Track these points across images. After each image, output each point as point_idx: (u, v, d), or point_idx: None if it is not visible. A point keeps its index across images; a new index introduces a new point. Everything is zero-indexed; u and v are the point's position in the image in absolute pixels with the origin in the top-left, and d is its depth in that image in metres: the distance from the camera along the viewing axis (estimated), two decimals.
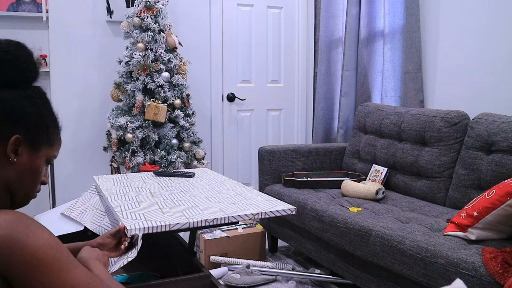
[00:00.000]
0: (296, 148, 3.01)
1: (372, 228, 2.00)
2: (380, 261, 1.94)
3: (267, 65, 3.91)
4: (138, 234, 1.31)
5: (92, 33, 3.33)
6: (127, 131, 2.88)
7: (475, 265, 1.56)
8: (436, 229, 1.89)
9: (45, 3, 3.55)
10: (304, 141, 4.09)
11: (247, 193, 1.75)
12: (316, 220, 2.34)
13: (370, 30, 3.38)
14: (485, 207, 1.71)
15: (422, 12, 2.97)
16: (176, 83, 3.00)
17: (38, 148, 1.05)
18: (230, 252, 2.68)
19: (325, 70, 3.76)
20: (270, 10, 3.88)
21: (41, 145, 1.06)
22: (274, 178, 2.94)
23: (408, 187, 2.57)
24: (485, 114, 2.27)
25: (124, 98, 3.00)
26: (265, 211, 1.51)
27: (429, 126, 2.49)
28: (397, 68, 3.14)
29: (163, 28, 2.99)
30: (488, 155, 2.16)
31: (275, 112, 3.99)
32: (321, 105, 3.78)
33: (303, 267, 2.74)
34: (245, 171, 3.91)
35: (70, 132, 3.34)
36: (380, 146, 2.80)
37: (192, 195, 1.71)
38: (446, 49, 2.83)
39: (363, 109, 3.09)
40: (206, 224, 1.41)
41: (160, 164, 2.94)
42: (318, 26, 3.93)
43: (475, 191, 2.19)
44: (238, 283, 2.42)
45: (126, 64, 2.97)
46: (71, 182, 3.34)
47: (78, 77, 3.33)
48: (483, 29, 2.59)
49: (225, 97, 3.75)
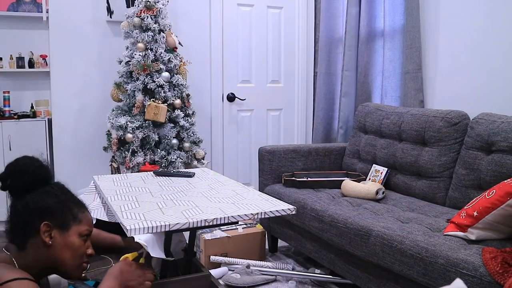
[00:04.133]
0: (296, 148, 3.01)
1: (372, 228, 2.00)
2: (380, 261, 1.94)
3: (267, 65, 3.91)
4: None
5: (92, 33, 3.33)
6: (127, 131, 2.88)
7: (475, 265, 1.56)
8: (436, 229, 1.89)
9: (45, 3, 3.55)
10: (304, 141, 4.09)
11: (247, 193, 1.75)
12: (316, 220, 2.34)
13: (370, 30, 3.38)
14: (485, 207, 1.71)
15: (422, 12, 2.97)
16: (176, 83, 3.00)
17: (67, 228, 1.27)
18: (230, 252, 2.68)
19: (325, 70, 3.76)
20: (270, 10, 3.88)
21: (69, 224, 1.27)
22: (274, 178, 2.94)
23: (408, 187, 2.57)
24: (485, 114, 2.27)
25: (124, 98, 3.00)
26: (265, 211, 1.51)
27: (429, 126, 2.49)
28: (397, 68, 3.14)
29: (163, 28, 2.98)
30: (488, 155, 2.16)
31: (275, 112, 3.99)
32: (321, 105, 3.78)
33: (303, 267, 2.74)
34: (245, 171, 3.91)
35: (70, 132, 3.34)
36: (380, 146, 2.80)
37: (192, 195, 1.71)
38: (446, 49, 2.83)
39: (363, 109, 3.09)
40: (206, 224, 1.41)
41: (160, 164, 2.94)
42: (318, 26, 3.93)
43: (475, 191, 2.19)
44: (238, 283, 2.42)
45: (126, 64, 2.97)
46: (71, 182, 3.31)
47: (78, 77, 3.33)
48: (483, 29, 2.59)
49: (225, 97, 3.75)
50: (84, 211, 1.34)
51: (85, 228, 1.31)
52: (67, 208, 1.29)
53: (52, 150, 3.40)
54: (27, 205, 1.24)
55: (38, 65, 3.69)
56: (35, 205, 1.24)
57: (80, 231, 1.29)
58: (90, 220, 1.34)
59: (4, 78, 3.68)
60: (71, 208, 1.30)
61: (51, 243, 1.23)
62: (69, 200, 1.31)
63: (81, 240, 1.29)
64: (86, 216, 1.33)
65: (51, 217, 1.24)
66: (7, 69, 3.60)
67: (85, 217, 1.32)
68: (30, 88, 3.77)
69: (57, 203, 1.27)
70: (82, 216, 1.31)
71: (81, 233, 1.29)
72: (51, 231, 1.24)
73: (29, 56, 3.67)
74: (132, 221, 1.37)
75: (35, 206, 1.24)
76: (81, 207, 1.34)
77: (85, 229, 1.30)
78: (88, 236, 1.33)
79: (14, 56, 3.65)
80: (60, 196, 1.29)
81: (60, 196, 1.29)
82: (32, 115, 3.52)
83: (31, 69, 3.65)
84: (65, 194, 1.32)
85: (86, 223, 1.32)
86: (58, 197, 1.29)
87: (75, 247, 1.27)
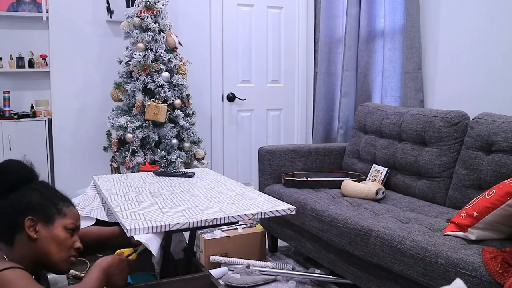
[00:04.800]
0: (296, 148, 3.01)
1: (372, 228, 2.00)
2: (380, 261, 1.94)
3: (267, 65, 3.91)
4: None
5: (92, 33, 3.33)
6: (127, 131, 2.88)
7: (475, 265, 1.56)
8: (436, 229, 1.89)
9: (45, 3, 3.55)
10: (304, 141, 4.09)
11: (247, 193, 1.75)
12: (316, 220, 2.34)
13: (370, 30, 3.38)
14: (485, 207, 1.71)
15: (422, 12, 2.97)
16: (176, 83, 3.00)
17: (52, 221, 1.29)
18: (230, 252, 2.68)
19: (325, 70, 3.76)
20: (270, 10, 3.88)
21: (54, 217, 1.30)
22: (274, 178, 2.94)
23: (408, 187, 2.57)
24: (485, 114, 2.27)
25: (124, 98, 3.00)
26: (265, 211, 1.51)
27: (429, 126, 2.49)
28: (397, 68, 3.14)
29: (163, 28, 2.99)
30: (488, 155, 2.16)
31: (275, 112, 3.99)
32: (321, 105, 3.78)
33: (303, 267, 2.74)
34: (245, 171, 3.91)
35: (70, 132, 3.34)
36: (380, 146, 2.80)
37: (192, 195, 1.71)
38: (446, 49, 2.83)
39: (363, 109, 3.09)
40: (206, 224, 1.41)
41: (160, 164, 2.94)
42: (318, 26, 3.93)
43: (475, 191, 2.19)
44: (238, 283, 2.42)
45: (126, 64, 2.97)
46: (71, 182, 3.34)
47: (78, 77, 3.33)
48: (483, 29, 2.59)
49: (225, 97, 3.75)
50: (69, 205, 1.36)
51: (70, 221, 1.33)
52: (51, 202, 1.31)
53: (52, 150, 3.40)
54: (11, 203, 1.27)
55: (38, 65, 3.69)
56: (19, 202, 1.27)
57: (65, 224, 1.31)
58: (76, 214, 1.36)
59: (4, 78, 3.68)
60: (55, 202, 1.32)
61: (36, 237, 1.25)
62: (54, 196, 1.34)
63: (66, 233, 1.31)
64: (72, 211, 1.35)
65: (35, 211, 1.27)
66: (7, 69, 3.60)
67: (70, 211, 1.34)
68: (30, 88, 3.77)
69: (40, 198, 1.30)
70: (67, 210, 1.34)
71: (66, 226, 1.31)
72: (35, 225, 1.26)
73: (29, 56, 3.67)
74: (132, 221, 1.37)
75: (19, 203, 1.27)
76: (66, 201, 1.36)
77: (70, 223, 1.32)
78: (74, 230, 1.35)
79: (14, 56, 3.65)
80: (43, 192, 1.32)
81: (43, 192, 1.32)
82: (32, 115, 3.52)
83: (31, 69, 3.65)
84: (49, 190, 1.35)
85: (71, 217, 1.34)
86: (41, 192, 1.31)
87: (60, 240, 1.28)
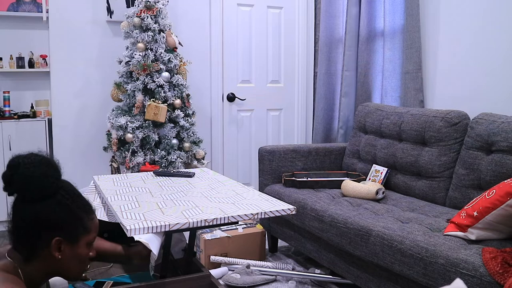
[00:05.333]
0: (296, 148, 3.01)
1: (372, 228, 2.00)
2: (380, 261, 1.94)
3: (267, 65, 3.91)
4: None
5: (92, 33, 3.33)
6: (127, 131, 2.88)
7: (475, 265, 1.56)
8: (436, 229, 1.89)
9: (45, 3, 3.55)
10: (304, 141, 4.09)
11: (247, 193, 1.75)
12: (316, 220, 2.34)
13: (370, 30, 3.38)
14: (485, 207, 1.71)
15: (422, 12, 2.97)
16: (176, 83, 3.00)
17: (77, 240, 1.24)
18: (230, 252, 2.68)
19: (325, 70, 3.76)
20: (270, 10, 3.88)
21: (79, 236, 1.24)
22: (274, 178, 2.94)
23: (408, 187, 2.57)
24: (485, 114, 2.27)
25: (124, 98, 3.00)
26: (265, 211, 1.51)
27: (429, 126, 2.49)
28: (397, 68, 3.14)
29: (163, 28, 2.99)
30: (488, 155, 2.16)
31: (275, 112, 3.99)
32: (321, 105, 3.78)
33: (303, 267, 2.74)
34: (245, 171, 3.91)
35: (70, 132, 3.34)
36: (380, 146, 2.80)
37: (192, 195, 1.71)
38: (446, 49, 2.83)
39: (363, 109, 3.09)
40: (206, 224, 1.41)
41: (160, 164, 2.94)
42: (318, 26, 3.93)
43: (475, 191, 2.19)
44: (238, 283, 2.42)
45: (126, 64, 2.97)
46: (71, 182, 3.34)
47: (78, 77, 3.33)
48: (483, 29, 2.59)
49: (225, 97, 3.75)
50: (92, 217, 1.30)
51: (93, 236, 1.29)
52: (78, 219, 1.24)
53: (52, 150, 3.40)
54: (37, 216, 1.18)
55: (38, 65, 3.69)
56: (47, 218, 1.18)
57: (88, 240, 1.28)
58: (97, 224, 1.32)
59: (4, 78, 3.68)
60: (81, 218, 1.25)
61: (60, 257, 1.21)
62: (80, 208, 1.26)
63: (88, 249, 1.29)
64: (94, 222, 1.30)
65: (63, 231, 1.21)
66: (7, 69, 3.60)
67: (93, 224, 1.29)
68: (30, 88, 3.77)
69: (68, 216, 1.22)
70: (91, 224, 1.28)
71: (89, 242, 1.28)
72: (61, 245, 1.21)
73: (29, 56, 3.67)
74: (132, 221, 1.37)
75: (47, 219, 1.18)
76: (90, 213, 1.29)
77: (92, 237, 1.29)
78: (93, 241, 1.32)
79: (14, 56, 3.65)
80: (71, 206, 1.23)
81: (71, 206, 1.23)
82: (32, 115, 3.52)
83: (31, 69, 3.65)
84: (75, 201, 1.26)
85: (94, 230, 1.30)
86: (69, 207, 1.23)
87: (82, 257, 1.26)
